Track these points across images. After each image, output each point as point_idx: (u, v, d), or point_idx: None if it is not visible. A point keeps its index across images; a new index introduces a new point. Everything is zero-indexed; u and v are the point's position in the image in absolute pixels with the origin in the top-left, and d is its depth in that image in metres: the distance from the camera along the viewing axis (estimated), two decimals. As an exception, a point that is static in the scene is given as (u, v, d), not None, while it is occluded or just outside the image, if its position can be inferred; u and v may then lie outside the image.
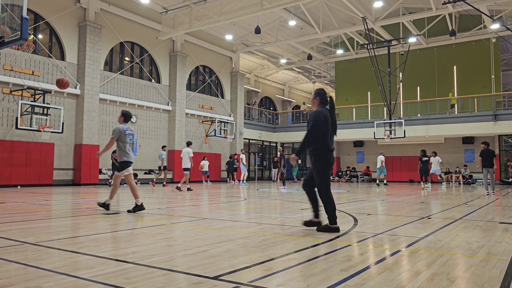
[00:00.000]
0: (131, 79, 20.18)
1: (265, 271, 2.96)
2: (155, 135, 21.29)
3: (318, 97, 5.01)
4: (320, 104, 4.99)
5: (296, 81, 36.96)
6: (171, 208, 8.12)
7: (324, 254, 3.56)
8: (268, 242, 4.14)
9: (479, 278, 2.83)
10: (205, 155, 23.40)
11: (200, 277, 2.78)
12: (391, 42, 23.57)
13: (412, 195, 12.36)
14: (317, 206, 4.97)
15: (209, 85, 25.17)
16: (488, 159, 12.34)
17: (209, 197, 11.30)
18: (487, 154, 12.40)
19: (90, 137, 17.65)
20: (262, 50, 28.32)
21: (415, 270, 3.05)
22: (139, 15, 20.28)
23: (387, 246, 3.99)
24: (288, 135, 30.06)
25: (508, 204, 9.46)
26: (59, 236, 4.49)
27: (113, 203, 7.85)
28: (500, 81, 24.48)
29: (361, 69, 28.23)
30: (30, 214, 6.47)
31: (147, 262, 3.20)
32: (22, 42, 6.60)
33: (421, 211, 7.51)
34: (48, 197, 10.29)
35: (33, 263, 3.11)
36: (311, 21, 22.26)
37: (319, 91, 5.09)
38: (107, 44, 19.02)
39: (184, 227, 5.18)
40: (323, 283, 2.66)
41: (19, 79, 15.60)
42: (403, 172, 27.47)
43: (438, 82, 25.74)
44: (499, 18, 21.72)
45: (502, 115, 22.17)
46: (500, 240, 4.33)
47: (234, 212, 7.17)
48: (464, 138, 25.26)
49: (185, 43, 22.87)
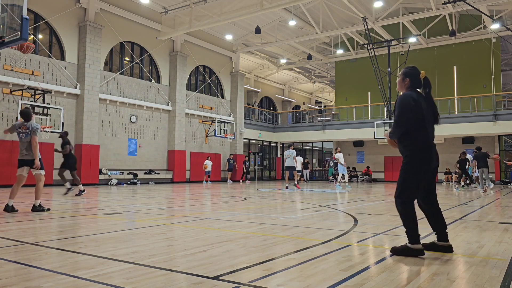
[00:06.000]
0: (131, 79, 20.18)
1: (265, 271, 2.96)
2: (155, 135, 21.29)
3: (408, 78, 3.81)
4: (411, 88, 3.81)
5: (296, 81, 36.97)
6: (171, 208, 8.12)
7: (324, 254, 3.56)
8: (268, 242, 4.14)
9: (479, 278, 2.83)
10: (208, 155, 23.51)
11: (200, 277, 2.78)
12: (391, 42, 23.56)
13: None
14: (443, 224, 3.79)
15: (209, 85, 25.17)
16: (482, 161, 13.70)
17: (209, 197, 11.30)
18: (480, 156, 13.84)
19: (90, 137, 17.64)
20: (262, 50, 28.33)
21: (415, 270, 3.05)
22: (139, 15, 20.28)
23: (387, 246, 3.99)
24: (288, 135, 30.08)
25: (508, 204, 9.46)
26: (59, 236, 4.49)
27: (113, 203, 7.85)
28: (500, 81, 24.48)
29: (361, 69, 28.23)
30: (30, 214, 6.47)
31: (147, 262, 3.20)
32: (22, 42, 6.59)
33: (421, 211, 7.49)
34: (48, 197, 10.29)
35: (33, 263, 3.11)
36: (311, 21, 22.26)
37: (410, 70, 3.86)
38: (107, 44, 19.02)
39: (184, 227, 5.18)
40: (323, 283, 2.66)
41: (19, 79, 15.60)
42: (403, 172, 27.41)
43: (438, 82, 25.71)
44: (499, 18, 21.72)
45: (502, 115, 22.17)
46: (500, 240, 4.33)
47: (234, 212, 7.17)
48: (464, 138, 25.26)
49: (185, 43, 22.87)
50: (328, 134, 27.87)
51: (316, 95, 41.46)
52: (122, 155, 19.50)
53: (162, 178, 21.20)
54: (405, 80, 3.83)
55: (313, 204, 9.05)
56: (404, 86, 3.84)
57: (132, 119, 19.98)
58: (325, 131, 27.86)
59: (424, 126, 3.63)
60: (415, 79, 3.80)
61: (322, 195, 12.17)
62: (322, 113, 32.36)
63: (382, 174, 28.49)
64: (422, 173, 3.61)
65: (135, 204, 8.79)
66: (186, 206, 8.67)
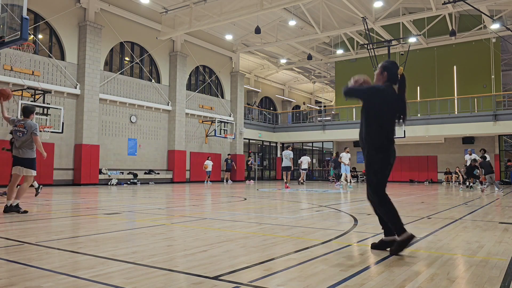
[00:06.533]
0: (131, 79, 20.19)
1: (265, 271, 2.96)
2: (155, 135, 21.29)
3: (386, 72, 3.82)
4: (388, 81, 3.81)
5: (296, 81, 36.96)
6: (171, 208, 8.12)
7: (324, 254, 3.56)
8: (268, 242, 4.14)
9: (479, 278, 2.83)
10: (208, 155, 23.53)
11: (200, 277, 2.78)
12: (391, 42, 23.55)
13: (412, 195, 12.36)
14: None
15: (209, 85, 25.18)
16: (487, 168, 15.17)
17: (209, 197, 11.30)
18: (485, 164, 15.33)
19: (90, 137, 17.65)
20: (262, 50, 28.32)
21: (415, 270, 3.05)
22: (139, 15, 20.28)
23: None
24: (288, 135, 30.08)
25: (508, 204, 9.46)
26: (59, 236, 4.49)
27: (113, 203, 7.85)
28: (500, 81, 24.48)
29: (361, 69, 28.12)
30: (30, 214, 6.47)
31: (147, 262, 3.20)
32: (22, 42, 6.60)
33: (421, 211, 7.50)
34: (48, 197, 10.29)
35: (33, 263, 3.11)
36: (311, 21, 22.26)
37: (389, 64, 3.87)
38: (107, 44, 19.02)
39: (184, 227, 5.18)
40: (323, 283, 2.66)
41: (19, 79, 15.60)
42: (403, 172, 27.47)
43: (438, 82, 25.74)
44: (499, 18, 21.72)
45: (502, 115, 22.17)
46: (500, 240, 4.33)
47: (234, 212, 7.17)
48: (464, 138, 25.26)
49: (185, 43, 22.87)
50: (328, 134, 27.88)
51: (316, 95, 41.46)
52: (122, 155, 19.51)
53: (162, 178, 21.20)
54: (383, 73, 3.84)
55: (313, 204, 9.05)
56: (382, 79, 3.84)
57: (132, 119, 19.98)
58: (325, 131, 27.87)
59: (381, 121, 3.67)
60: (393, 74, 3.80)
61: (322, 195, 12.17)
62: (322, 113, 32.35)
63: (382, 174, 28.42)
64: (386, 168, 3.71)
65: (135, 204, 8.79)
66: (186, 206, 8.67)
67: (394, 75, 3.80)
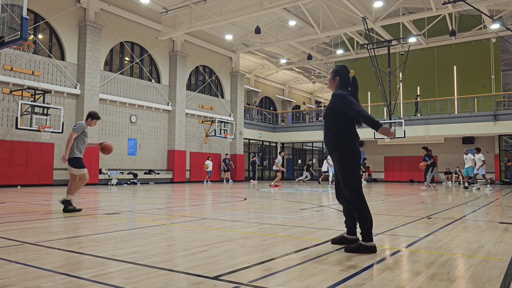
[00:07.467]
0: (131, 79, 20.19)
1: (265, 271, 2.96)
2: (155, 135, 21.30)
3: (338, 77, 3.86)
4: (340, 86, 3.85)
5: (296, 81, 36.96)
6: (171, 208, 8.12)
7: (324, 254, 3.56)
8: (268, 242, 4.14)
9: (479, 278, 2.83)
10: (208, 155, 23.54)
11: (200, 277, 2.78)
12: (391, 42, 23.57)
13: (412, 195, 12.36)
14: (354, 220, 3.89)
15: (209, 85, 25.18)
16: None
17: (209, 197, 11.30)
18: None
19: (90, 137, 17.60)
20: (262, 50, 28.32)
21: (415, 270, 3.05)
22: (139, 15, 20.28)
23: (387, 246, 3.99)
24: (288, 135, 30.08)
25: (508, 204, 9.46)
26: (59, 236, 4.49)
27: (113, 203, 7.86)
28: (500, 81, 24.48)
29: (361, 69, 28.19)
30: (30, 214, 6.47)
31: (147, 262, 3.20)
32: (22, 42, 6.60)
33: (421, 211, 7.50)
34: (48, 197, 10.29)
35: (33, 263, 3.11)
36: (311, 21, 22.26)
37: (340, 69, 3.90)
38: (107, 44, 19.02)
39: (184, 227, 5.18)
40: (323, 283, 2.66)
41: (19, 79, 15.60)
42: (403, 172, 27.48)
43: (438, 82, 25.74)
44: (499, 18, 21.73)
45: (502, 115, 22.18)
46: (500, 240, 4.33)
47: (234, 212, 7.17)
48: (464, 138, 25.26)
49: (185, 43, 22.88)
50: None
51: (316, 95, 41.45)
52: (122, 155, 19.51)
53: (162, 178, 21.21)
54: (335, 78, 3.88)
55: (313, 204, 9.05)
56: (334, 84, 3.89)
57: (132, 119, 19.98)
58: (325, 131, 27.83)
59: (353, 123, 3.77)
60: (345, 78, 3.85)
61: (322, 195, 12.17)
62: (322, 113, 32.34)
63: (382, 174, 28.49)
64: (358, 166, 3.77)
65: (135, 204, 8.79)
66: (186, 206, 8.67)
67: (346, 79, 3.86)
